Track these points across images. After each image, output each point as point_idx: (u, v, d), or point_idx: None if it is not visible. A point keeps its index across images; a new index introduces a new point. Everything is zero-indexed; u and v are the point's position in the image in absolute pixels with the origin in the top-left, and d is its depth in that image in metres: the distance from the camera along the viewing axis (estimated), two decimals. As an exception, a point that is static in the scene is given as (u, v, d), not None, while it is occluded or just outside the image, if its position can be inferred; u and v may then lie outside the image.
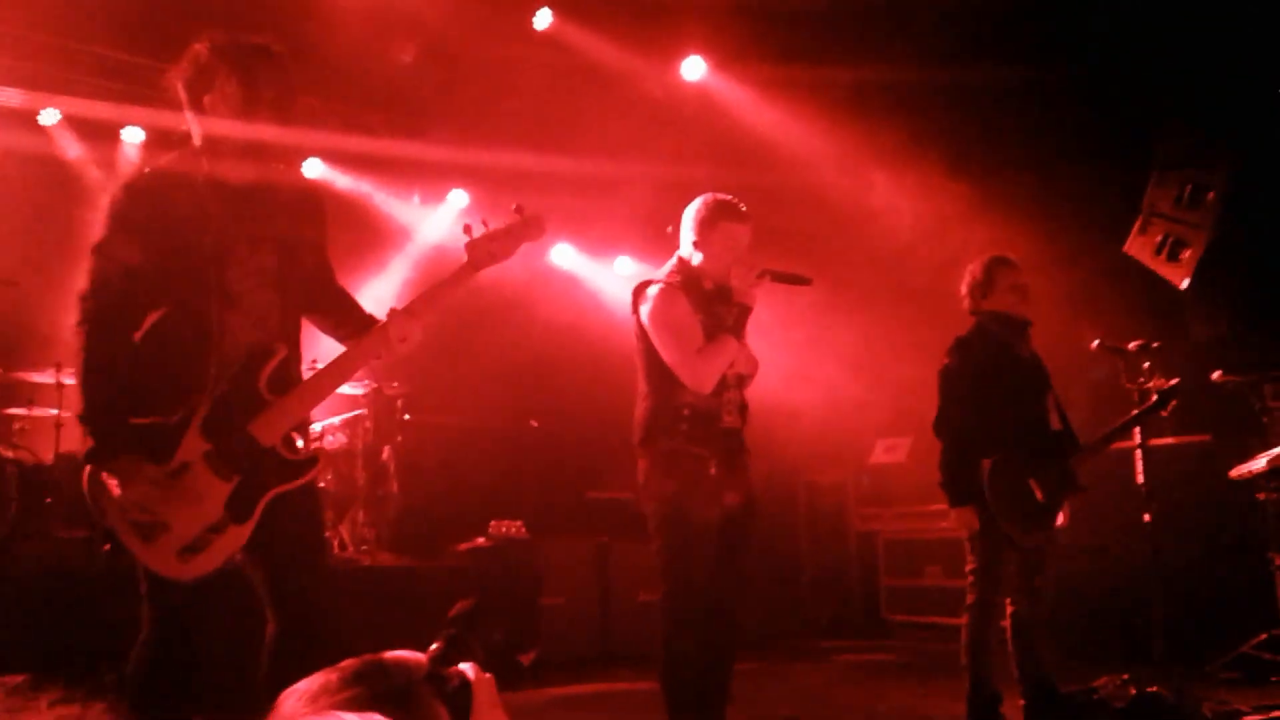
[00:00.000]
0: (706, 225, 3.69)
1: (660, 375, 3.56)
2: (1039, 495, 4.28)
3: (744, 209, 3.74)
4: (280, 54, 2.80)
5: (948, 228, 7.72)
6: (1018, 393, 4.39)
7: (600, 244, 9.38)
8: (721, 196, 3.78)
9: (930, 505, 7.70)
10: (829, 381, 7.93)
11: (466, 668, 1.49)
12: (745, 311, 3.55)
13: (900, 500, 7.94)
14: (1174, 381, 4.50)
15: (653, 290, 3.60)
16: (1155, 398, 4.50)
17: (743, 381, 3.69)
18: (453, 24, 7.95)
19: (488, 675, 1.49)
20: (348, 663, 1.47)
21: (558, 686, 5.08)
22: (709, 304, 3.58)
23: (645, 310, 3.60)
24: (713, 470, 3.47)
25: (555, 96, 8.31)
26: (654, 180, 8.78)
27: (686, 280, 3.62)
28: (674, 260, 3.75)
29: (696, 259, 3.68)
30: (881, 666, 6.71)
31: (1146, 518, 4.93)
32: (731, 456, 3.56)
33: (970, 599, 4.27)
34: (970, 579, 4.29)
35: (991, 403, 4.32)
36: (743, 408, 3.68)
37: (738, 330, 3.54)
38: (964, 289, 4.57)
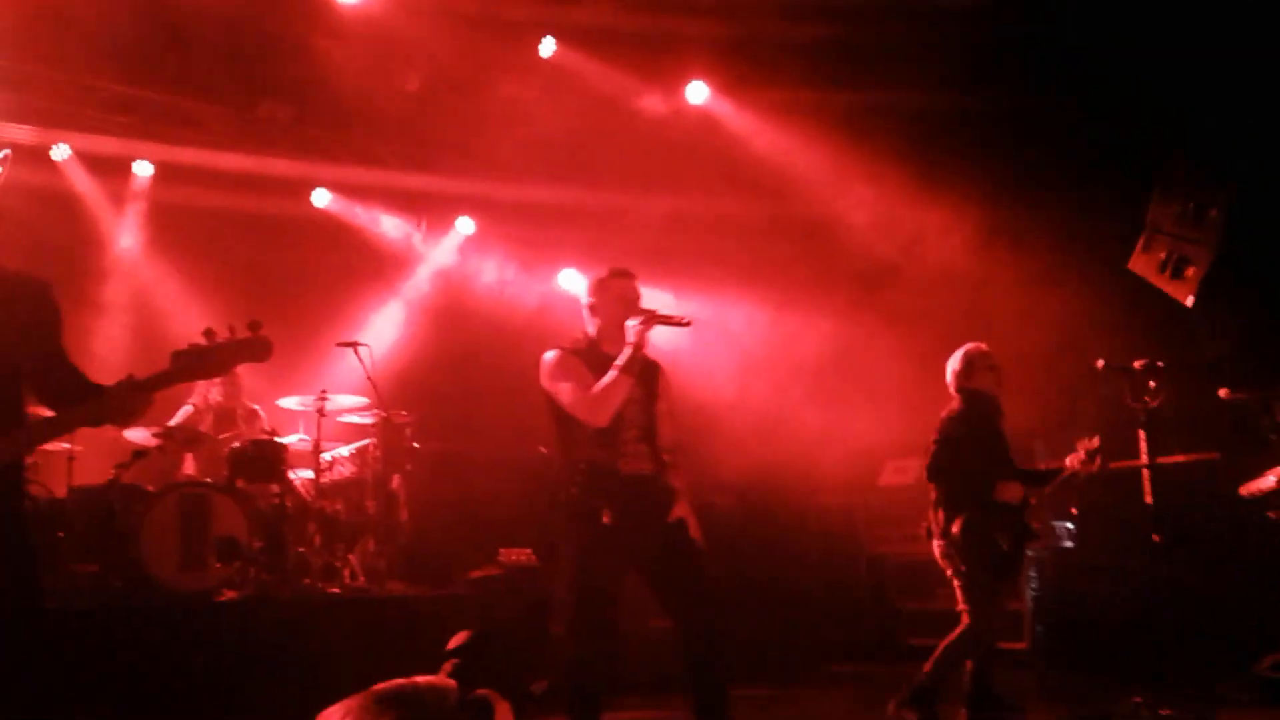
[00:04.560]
0: (598, 288, 4.02)
1: (562, 435, 3.93)
2: (1004, 546, 4.94)
3: (628, 269, 4.09)
4: None
5: (953, 250, 7.74)
6: (996, 458, 5.06)
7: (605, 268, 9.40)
8: (610, 265, 4.15)
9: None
10: (836, 404, 7.93)
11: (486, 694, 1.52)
12: (635, 349, 3.84)
13: (910, 522, 7.91)
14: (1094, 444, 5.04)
15: (547, 356, 3.95)
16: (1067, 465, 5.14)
17: (651, 435, 3.98)
18: (458, 53, 8.04)
19: (506, 702, 1.52)
20: (381, 686, 1.50)
21: (568, 715, 5.05)
22: (606, 365, 3.87)
23: (543, 373, 3.93)
24: (605, 519, 3.76)
25: (560, 123, 8.37)
26: (661, 204, 8.85)
27: (584, 348, 3.99)
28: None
29: (593, 326, 4.02)
30: (894, 691, 6.67)
31: (1156, 538, 4.96)
32: (636, 502, 3.83)
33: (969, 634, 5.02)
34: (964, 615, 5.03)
35: (974, 467, 4.99)
36: (656, 458, 3.96)
37: (629, 369, 3.82)
38: (949, 374, 5.33)
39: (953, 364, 5.30)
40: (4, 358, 2.86)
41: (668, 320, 3.88)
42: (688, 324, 3.91)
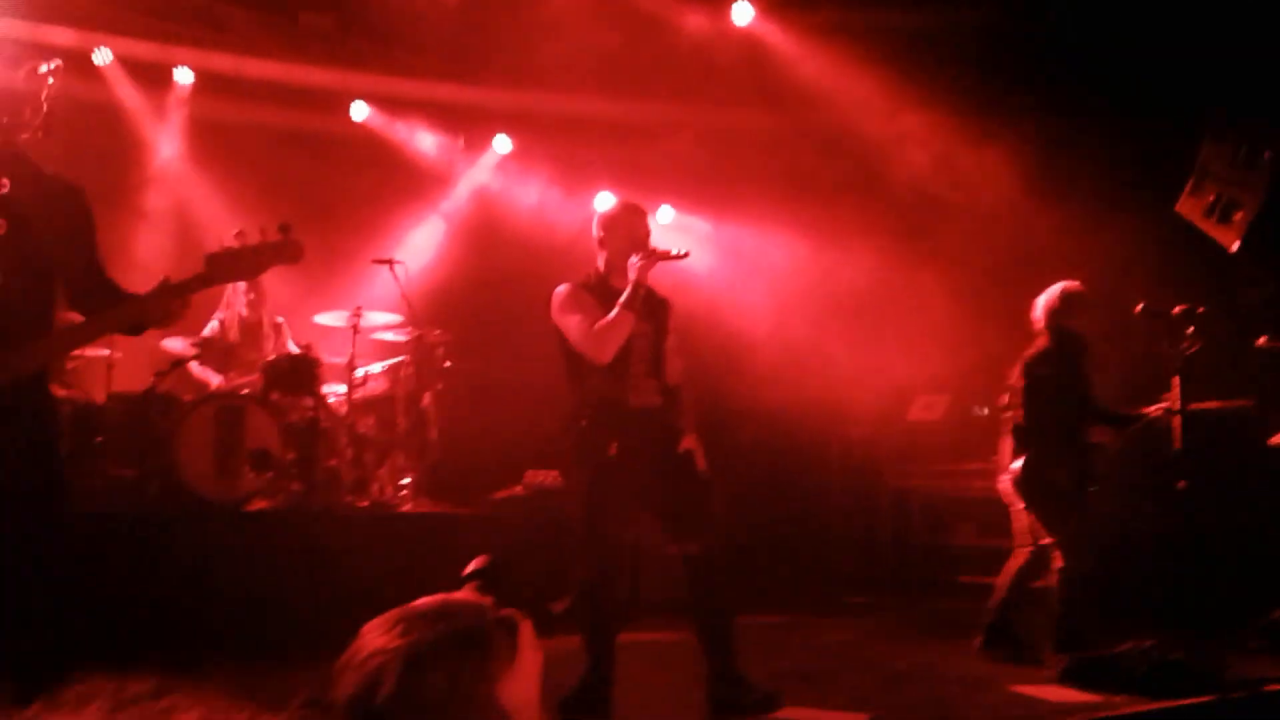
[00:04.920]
0: (609, 223, 4.13)
1: (571, 369, 4.05)
2: (1064, 484, 5.02)
3: (641, 205, 4.22)
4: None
5: (999, 188, 7.60)
6: (1078, 399, 5.14)
7: (643, 192, 9.34)
8: (622, 199, 4.32)
9: (966, 464, 7.67)
10: (870, 337, 7.89)
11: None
12: (636, 287, 3.92)
13: (936, 458, 7.93)
14: None
15: (559, 289, 4.06)
16: None
17: (659, 370, 4.11)
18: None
19: (528, 620, 1.59)
20: (422, 601, 1.56)
21: (583, 635, 5.17)
22: (613, 300, 3.95)
23: (553, 307, 4.04)
24: (612, 451, 3.89)
25: (602, 41, 8.24)
26: (703, 127, 8.73)
27: (594, 283, 4.09)
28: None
29: (604, 261, 4.12)
30: (907, 624, 6.75)
31: (1181, 484, 4.95)
32: (643, 434, 3.97)
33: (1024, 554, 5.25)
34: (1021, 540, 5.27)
35: (1054, 406, 5.07)
36: (664, 391, 4.12)
37: (631, 305, 3.91)
38: (1041, 311, 5.29)
39: (1047, 301, 5.26)
40: (37, 263, 2.90)
41: (667, 256, 3.95)
42: (685, 255, 3.99)
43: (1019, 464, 5.06)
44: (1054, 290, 5.26)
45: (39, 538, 2.82)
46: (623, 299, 3.91)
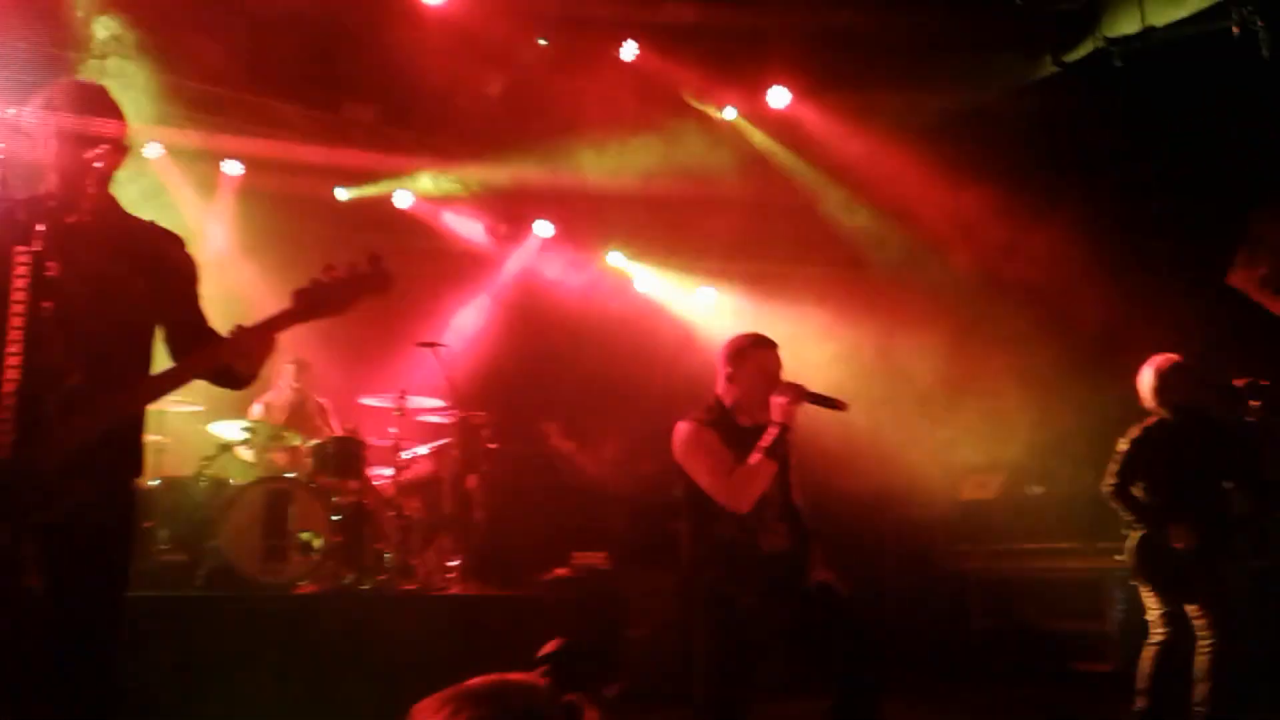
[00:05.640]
0: (737, 357, 3.87)
1: (697, 512, 3.75)
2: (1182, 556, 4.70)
3: (771, 339, 3.95)
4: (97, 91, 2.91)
5: (1042, 264, 7.55)
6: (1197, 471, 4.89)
7: (687, 273, 9.39)
8: (751, 332, 4.00)
9: (1024, 544, 7.50)
10: (915, 414, 7.80)
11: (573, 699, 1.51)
12: (782, 431, 3.64)
13: (991, 537, 7.75)
14: None
15: (682, 427, 3.79)
16: None
17: (791, 512, 3.83)
18: (539, 56, 8.09)
19: (595, 710, 1.50)
20: (475, 681, 1.49)
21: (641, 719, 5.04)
22: (743, 439, 3.69)
23: (677, 447, 3.78)
24: (744, 604, 3.62)
25: (640, 127, 8.36)
26: (743, 209, 8.78)
27: (718, 418, 3.81)
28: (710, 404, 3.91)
29: (731, 397, 3.85)
30: (968, 712, 6.52)
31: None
32: (775, 581, 3.67)
33: (1158, 637, 4.78)
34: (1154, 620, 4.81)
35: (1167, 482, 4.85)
36: (797, 534, 3.82)
37: (774, 451, 3.62)
38: (1146, 390, 5.02)
39: (1148, 380, 5.03)
40: (132, 305, 2.83)
41: (819, 400, 3.67)
42: (844, 407, 3.68)
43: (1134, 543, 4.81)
44: (1151, 366, 5.03)
45: (99, 618, 2.73)
46: (765, 444, 3.60)
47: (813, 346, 8.36)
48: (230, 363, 2.84)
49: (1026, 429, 7.28)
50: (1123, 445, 4.88)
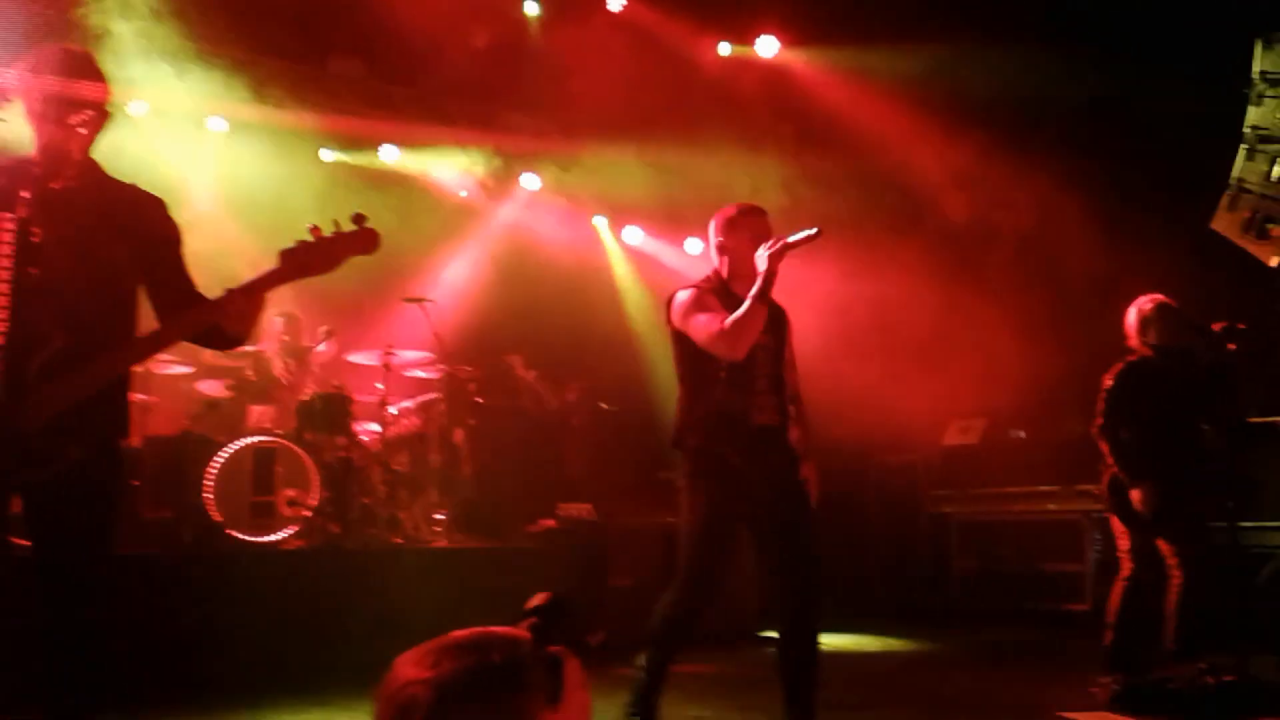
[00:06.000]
0: (728, 225, 3.94)
1: (692, 379, 3.86)
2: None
3: (760, 208, 4.04)
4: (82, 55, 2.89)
5: (1023, 204, 7.55)
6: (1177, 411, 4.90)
7: (670, 224, 9.39)
8: (740, 202, 4.09)
9: (1005, 488, 7.58)
10: (900, 360, 7.84)
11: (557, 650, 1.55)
12: (768, 276, 3.67)
13: (974, 482, 7.83)
14: None
15: (680, 294, 3.86)
16: None
17: (780, 386, 3.91)
18: (524, 8, 8.04)
19: (577, 659, 1.55)
20: (456, 634, 1.54)
21: (624, 667, 5.13)
22: (737, 305, 3.72)
23: (675, 311, 3.83)
24: (734, 462, 3.71)
25: (627, 78, 8.32)
26: (724, 160, 8.76)
27: (716, 286, 3.89)
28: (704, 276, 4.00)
29: (725, 266, 3.93)
30: (950, 652, 6.64)
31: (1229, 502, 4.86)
32: (763, 452, 3.77)
33: (1124, 573, 4.83)
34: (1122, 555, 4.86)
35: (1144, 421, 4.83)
36: (783, 410, 3.90)
37: (763, 296, 3.67)
38: (1129, 328, 5.00)
39: (1132, 319, 5.03)
40: (115, 269, 2.84)
41: (798, 243, 3.70)
42: (817, 233, 3.71)
43: (1106, 481, 4.85)
44: (1135, 306, 5.04)
45: (87, 576, 2.77)
46: (755, 290, 3.64)
47: (800, 295, 8.38)
48: (219, 324, 2.84)
49: (1011, 375, 7.32)
50: (1108, 382, 4.87)
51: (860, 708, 4.75)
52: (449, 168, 9.09)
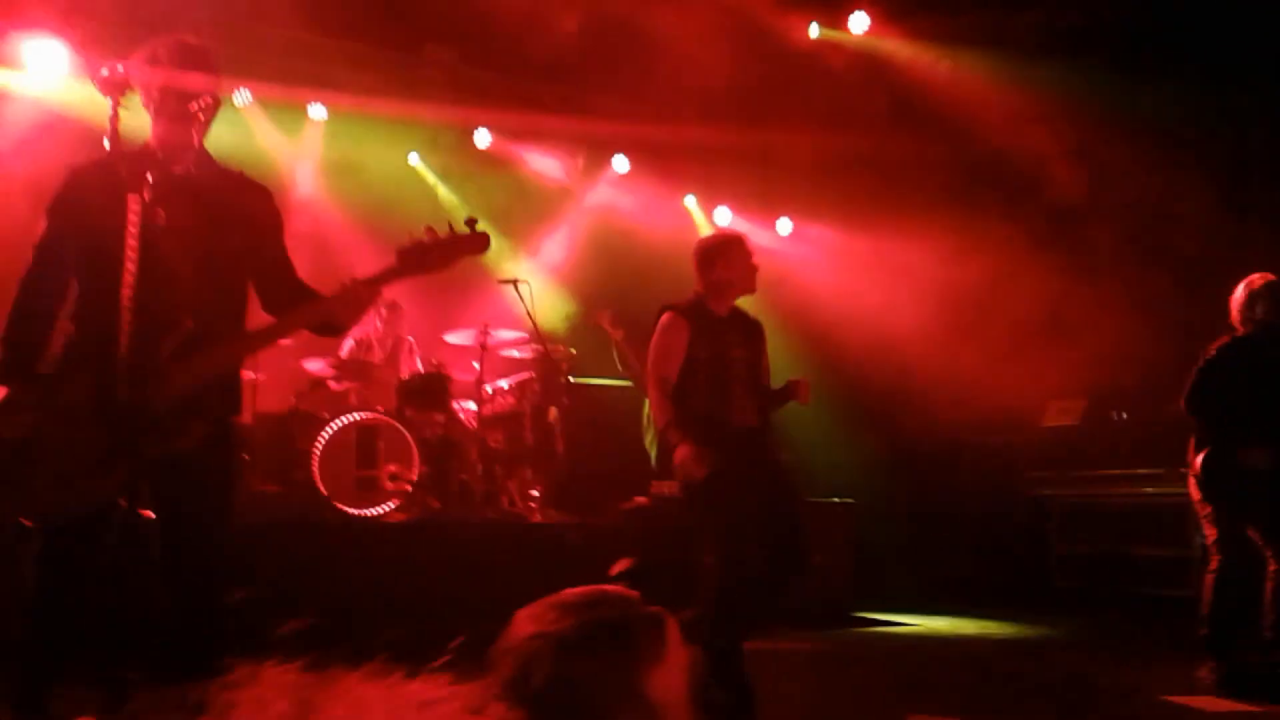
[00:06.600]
0: (706, 252, 4.34)
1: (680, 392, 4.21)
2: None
3: (742, 235, 4.50)
4: (197, 47, 2.98)
5: (1126, 184, 7.35)
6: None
7: (761, 204, 9.36)
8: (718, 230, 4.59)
9: (1107, 469, 7.42)
10: (999, 340, 7.71)
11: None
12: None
13: (1073, 464, 7.67)
14: None
15: (663, 317, 4.32)
16: None
17: (756, 389, 4.29)
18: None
19: (674, 619, 1.61)
20: (575, 590, 1.61)
21: (711, 640, 5.18)
22: (715, 328, 4.22)
23: (655, 331, 4.33)
24: (720, 466, 3.99)
25: (716, 58, 8.29)
26: (824, 140, 8.68)
27: (691, 304, 4.31)
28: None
29: (704, 285, 4.32)
30: (1048, 636, 6.54)
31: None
32: (744, 452, 4.08)
33: (1211, 565, 4.72)
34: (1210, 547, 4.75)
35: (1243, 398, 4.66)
36: (762, 410, 4.28)
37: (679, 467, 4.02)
38: (1234, 305, 4.85)
39: (1238, 296, 4.84)
40: (232, 255, 2.97)
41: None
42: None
43: (1200, 459, 4.66)
44: (1245, 282, 4.85)
45: (211, 545, 2.93)
46: (678, 457, 3.98)
47: (900, 277, 8.30)
48: (332, 318, 2.99)
49: (1113, 355, 7.15)
50: (1202, 360, 4.74)
51: (957, 690, 4.73)
52: (541, 151, 9.20)
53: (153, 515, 2.86)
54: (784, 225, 9.29)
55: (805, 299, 8.36)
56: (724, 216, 9.51)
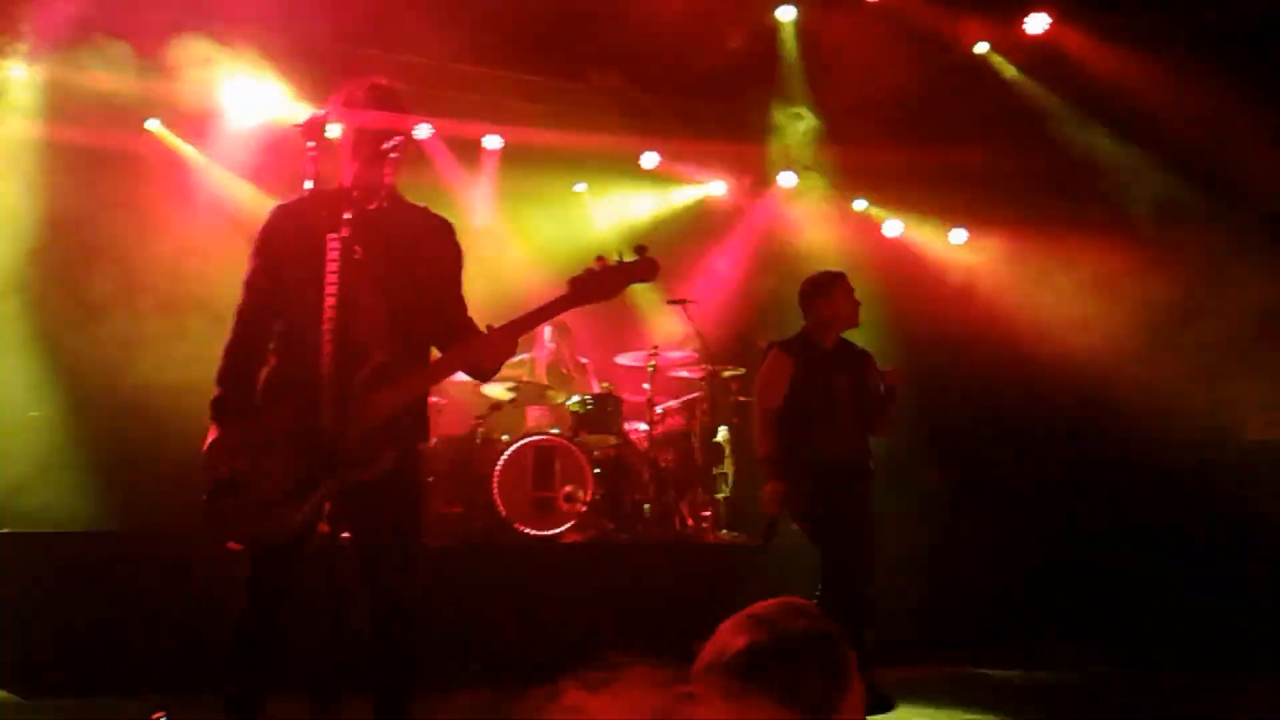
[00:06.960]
0: (811, 290, 4.93)
1: (788, 420, 4.83)
2: None
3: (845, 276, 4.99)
4: (389, 89, 3.13)
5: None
6: None
7: (933, 216, 9.13)
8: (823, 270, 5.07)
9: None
10: (1199, 350, 7.27)
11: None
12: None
13: (1281, 480, 7.12)
14: None
15: (771, 350, 4.94)
16: None
17: (861, 419, 4.86)
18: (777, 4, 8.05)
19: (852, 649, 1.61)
20: (760, 605, 1.63)
21: (888, 668, 5.09)
22: (822, 361, 4.79)
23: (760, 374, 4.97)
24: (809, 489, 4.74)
25: (883, 68, 8.15)
26: (993, 148, 8.40)
27: (796, 340, 4.90)
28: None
29: (810, 320, 4.90)
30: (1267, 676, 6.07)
31: None
32: (842, 480, 4.75)
33: None
34: None
35: None
36: (864, 440, 4.89)
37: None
38: None
39: None
40: (418, 289, 3.09)
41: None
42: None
43: None
44: None
45: (403, 565, 3.06)
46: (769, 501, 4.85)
47: (1087, 294, 7.94)
48: (484, 360, 3.08)
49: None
50: None
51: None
52: (707, 170, 9.25)
53: (350, 538, 3.01)
54: (957, 235, 9.02)
55: (987, 312, 8.08)
56: (894, 228, 9.32)
